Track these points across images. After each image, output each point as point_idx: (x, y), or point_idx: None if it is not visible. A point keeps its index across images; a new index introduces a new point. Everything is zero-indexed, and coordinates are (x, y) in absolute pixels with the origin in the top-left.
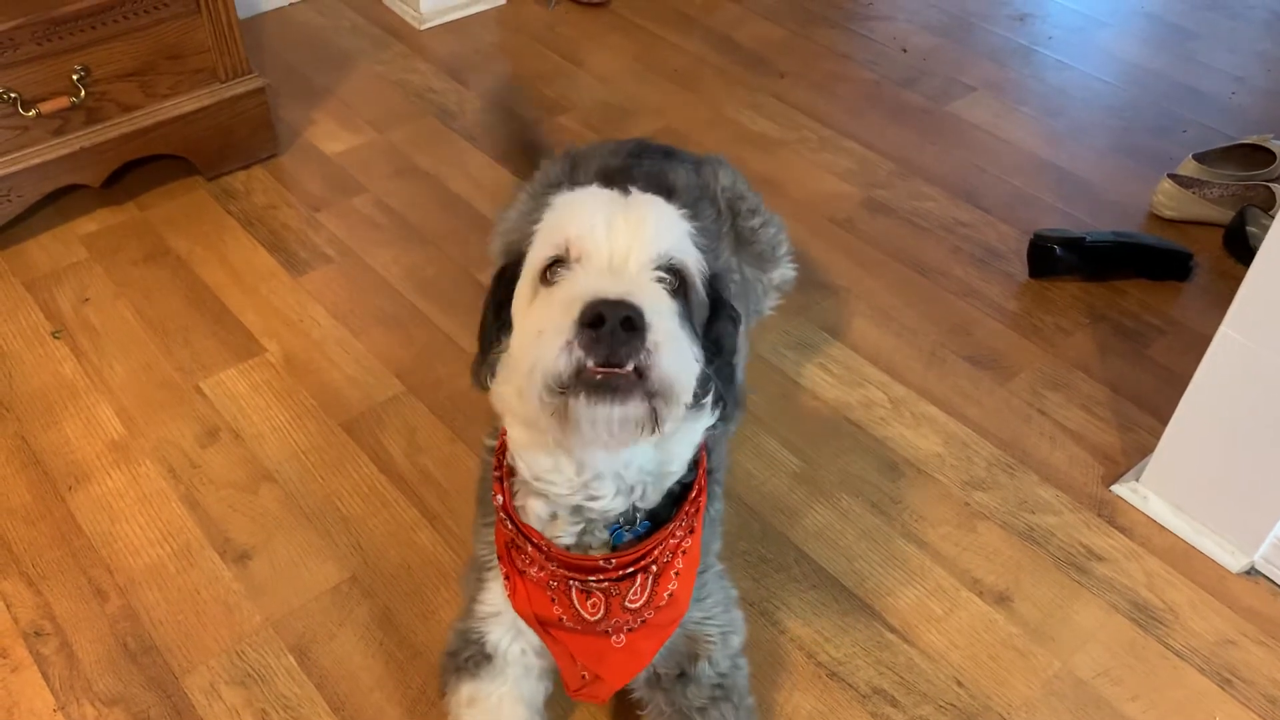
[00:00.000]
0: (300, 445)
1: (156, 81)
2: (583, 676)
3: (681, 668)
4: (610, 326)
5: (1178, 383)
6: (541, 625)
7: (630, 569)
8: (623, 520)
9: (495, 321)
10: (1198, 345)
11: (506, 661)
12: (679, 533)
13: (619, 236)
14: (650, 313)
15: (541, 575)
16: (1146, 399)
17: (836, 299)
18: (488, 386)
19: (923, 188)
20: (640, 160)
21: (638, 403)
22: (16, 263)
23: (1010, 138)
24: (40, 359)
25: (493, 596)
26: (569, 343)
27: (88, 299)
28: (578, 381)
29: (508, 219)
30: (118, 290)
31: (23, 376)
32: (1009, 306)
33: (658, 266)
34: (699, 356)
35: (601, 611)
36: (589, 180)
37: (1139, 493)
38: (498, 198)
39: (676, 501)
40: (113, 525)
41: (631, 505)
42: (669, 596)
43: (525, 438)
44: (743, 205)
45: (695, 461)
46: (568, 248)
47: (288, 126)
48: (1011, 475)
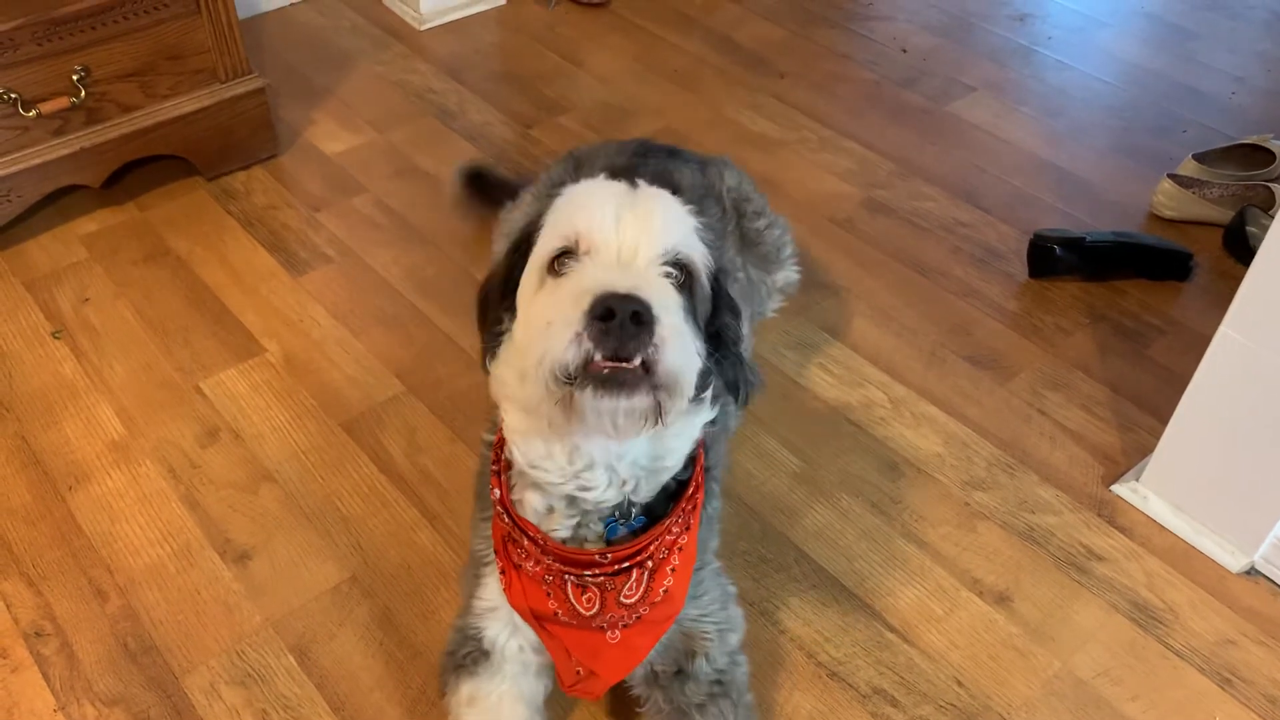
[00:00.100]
0: (300, 445)
1: (156, 82)
2: (577, 672)
3: (679, 665)
4: (620, 320)
5: (1178, 383)
6: (537, 620)
7: (626, 564)
8: (617, 513)
9: (501, 301)
10: (1198, 345)
11: (504, 658)
12: (675, 529)
13: (627, 230)
14: (658, 307)
15: (537, 569)
16: (1146, 399)
17: (837, 299)
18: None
19: (923, 188)
20: (645, 159)
21: (643, 395)
22: (16, 263)
23: (1010, 138)
24: (40, 359)
25: (490, 592)
26: (578, 334)
27: (88, 299)
28: (585, 374)
29: (512, 220)
30: (118, 290)
31: (23, 377)
32: (1009, 306)
33: (665, 261)
34: (701, 351)
35: (597, 606)
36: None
37: (1139, 493)
38: None
39: (673, 498)
40: (113, 525)
41: (625, 498)
42: (664, 593)
43: (522, 424)
44: (748, 207)
45: (693, 459)
46: (577, 240)
47: (288, 127)
48: (1011, 475)
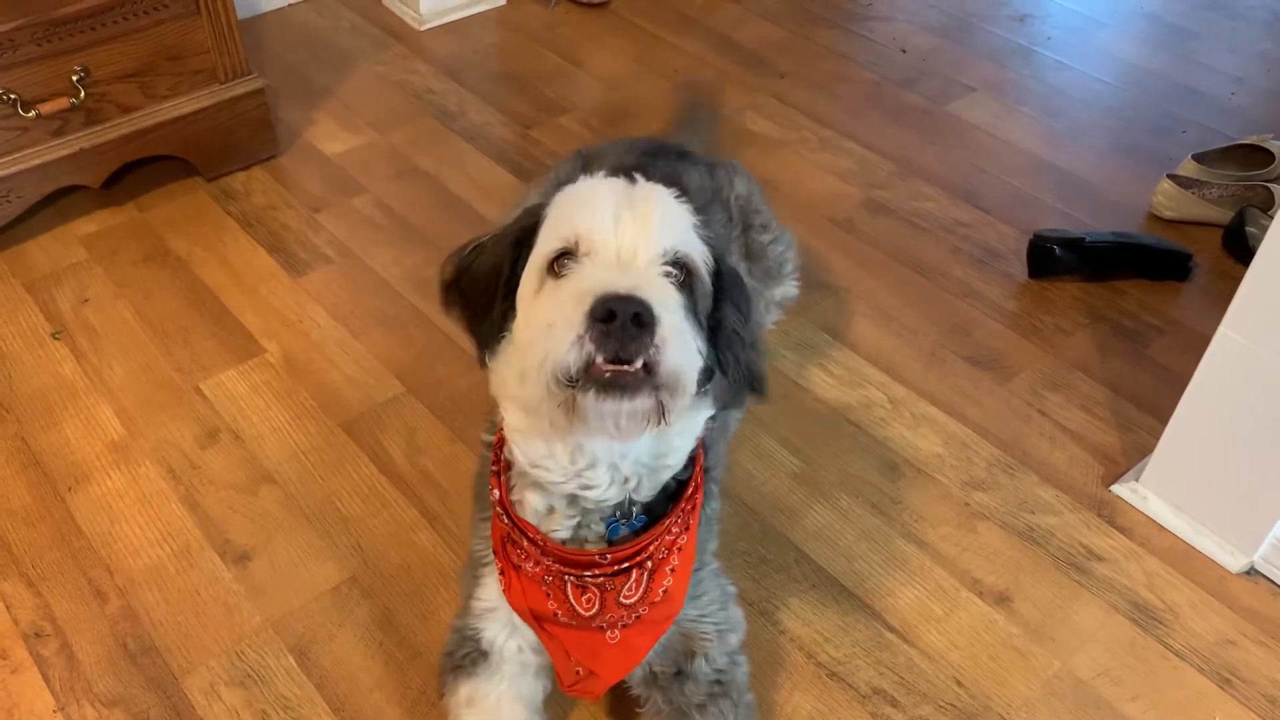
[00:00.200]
0: (300, 446)
1: (156, 82)
2: (577, 672)
3: (679, 665)
4: (621, 322)
5: (1177, 383)
6: (536, 620)
7: (625, 564)
8: (618, 513)
9: (501, 301)
10: (1197, 345)
11: (503, 659)
12: (675, 529)
13: (626, 231)
14: (658, 307)
15: (537, 570)
16: (1146, 399)
17: (836, 299)
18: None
19: (922, 188)
20: (654, 159)
21: (645, 397)
22: (16, 264)
23: (1010, 138)
24: (40, 360)
25: (489, 592)
26: (580, 337)
27: (87, 300)
28: (587, 378)
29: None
30: (117, 291)
31: (22, 377)
32: (1009, 307)
33: (664, 260)
34: (703, 349)
35: (596, 607)
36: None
37: (1139, 493)
38: (498, 198)
39: (673, 498)
40: (112, 526)
41: (627, 497)
42: (664, 593)
43: (522, 423)
44: (756, 219)
45: (692, 459)
46: (576, 241)
47: (287, 127)
48: (1011, 475)
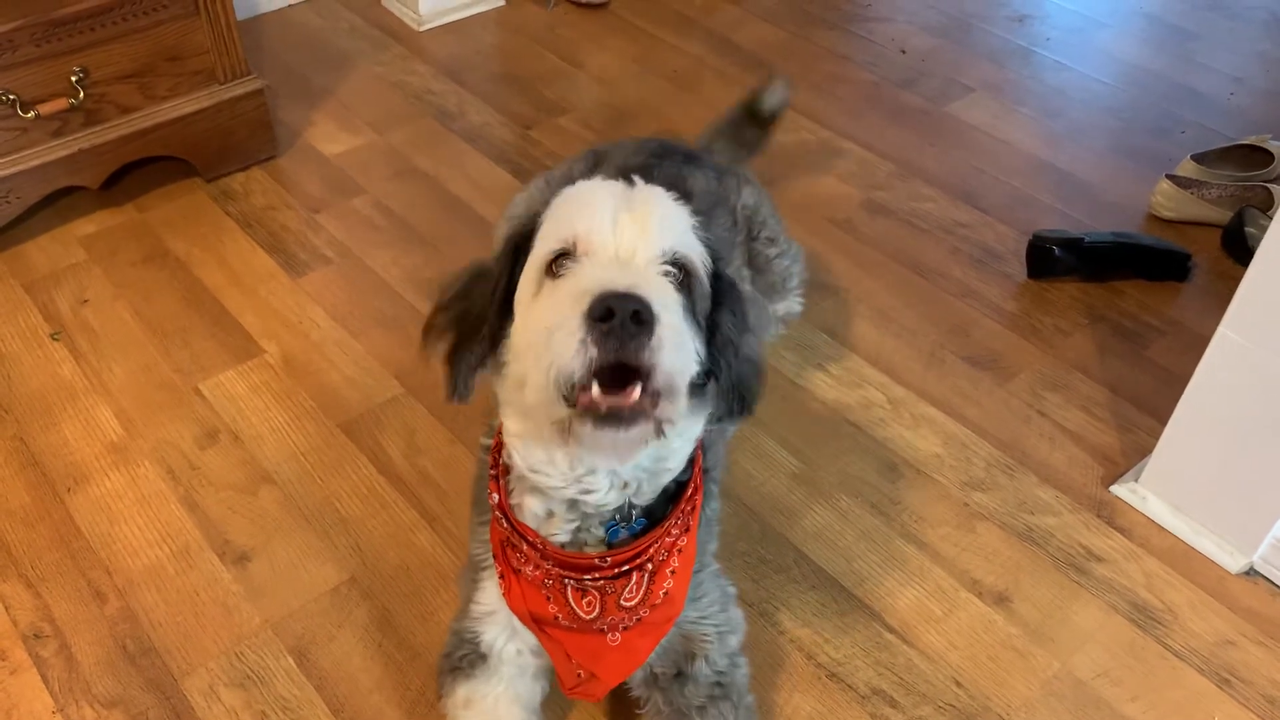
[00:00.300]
0: (299, 447)
1: (155, 83)
2: (578, 675)
3: (679, 667)
4: (620, 319)
5: (1176, 383)
6: (537, 624)
7: (625, 567)
8: (618, 517)
9: (501, 310)
10: (1196, 346)
11: (501, 661)
12: (674, 531)
13: (624, 232)
14: (658, 305)
15: (537, 574)
16: (1145, 399)
17: (836, 300)
18: (466, 395)
19: (922, 189)
20: (661, 161)
21: (644, 425)
22: (15, 264)
23: (1009, 139)
24: (39, 360)
25: (488, 596)
26: (582, 342)
27: (86, 300)
28: (585, 413)
29: (517, 204)
30: (116, 292)
31: (21, 378)
32: (1008, 307)
33: (663, 261)
34: (700, 352)
35: (597, 610)
36: (610, 178)
37: (1138, 493)
38: (497, 199)
39: (672, 500)
40: (112, 527)
41: (627, 501)
42: (664, 595)
43: (521, 429)
44: (762, 231)
45: (692, 460)
46: (574, 242)
47: (287, 128)
48: (1011, 476)
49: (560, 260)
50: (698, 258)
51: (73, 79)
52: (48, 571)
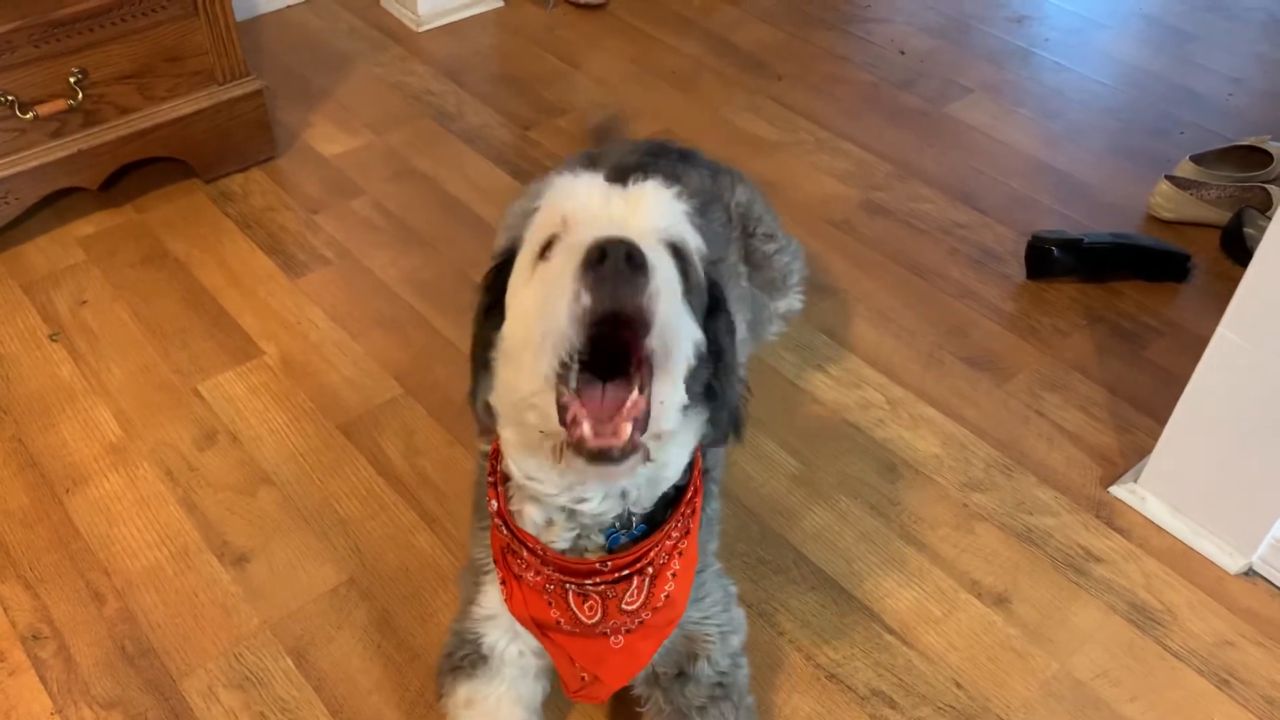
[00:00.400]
0: (298, 448)
1: (154, 84)
2: (582, 678)
3: (680, 667)
4: (614, 263)
5: (1175, 384)
6: (539, 629)
7: (626, 571)
8: (618, 524)
9: (486, 324)
10: (1195, 346)
11: (503, 662)
12: (674, 534)
13: (617, 209)
14: (652, 254)
15: (538, 579)
16: (1144, 400)
17: (835, 301)
18: (491, 424)
19: (920, 189)
20: (656, 160)
21: (634, 459)
22: (14, 265)
23: (1008, 139)
24: (38, 361)
25: (490, 599)
26: (576, 294)
27: (85, 301)
28: (578, 451)
29: (513, 211)
30: (115, 293)
31: (20, 379)
32: (1007, 308)
33: (657, 239)
34: (698, 336)
35: (599, 614)
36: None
37: (1137, 494)
38: (496, 200)
39: (672, 503)
40: (110, 528)
41: (625, 509)
42: (666, 598)
43: (514, 437)
44: (758, 227)
45: (690, 463)
46: (564, 221)
47: (285, 129)
48: (1009, 476)
49: (552, 245)
50: (692, 243)
51: (71, 80)
52: (46, 573)
